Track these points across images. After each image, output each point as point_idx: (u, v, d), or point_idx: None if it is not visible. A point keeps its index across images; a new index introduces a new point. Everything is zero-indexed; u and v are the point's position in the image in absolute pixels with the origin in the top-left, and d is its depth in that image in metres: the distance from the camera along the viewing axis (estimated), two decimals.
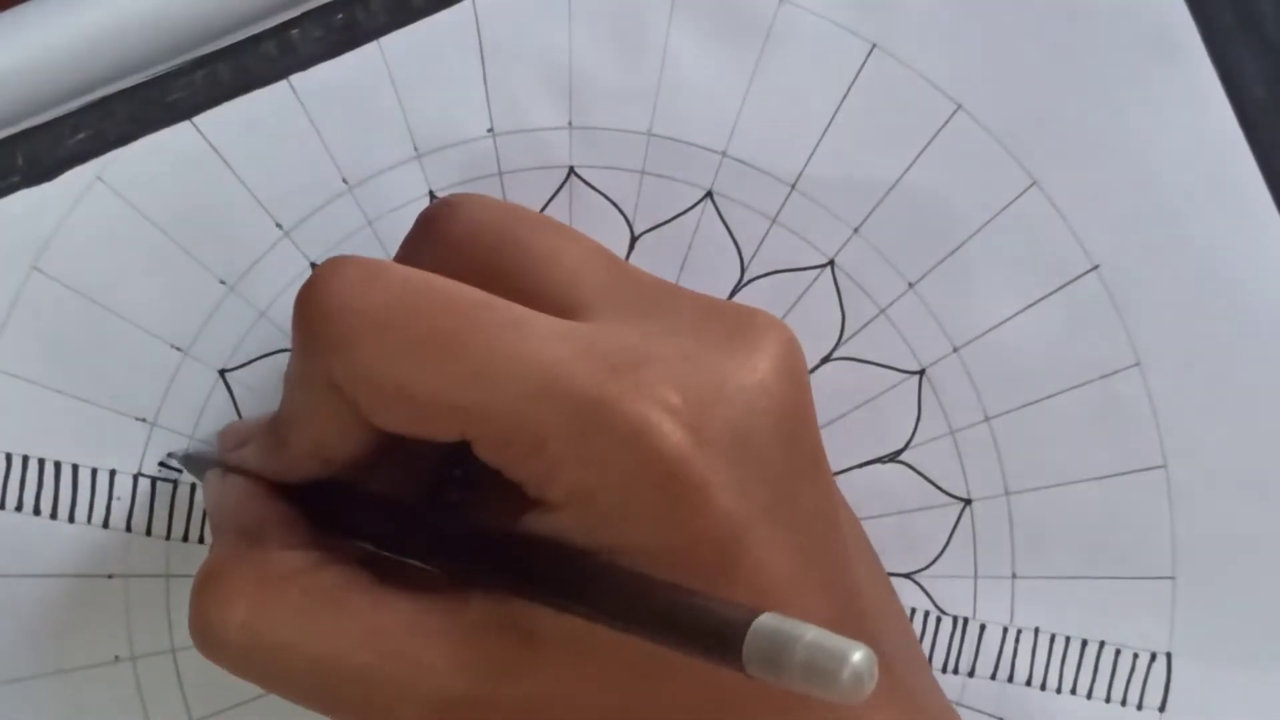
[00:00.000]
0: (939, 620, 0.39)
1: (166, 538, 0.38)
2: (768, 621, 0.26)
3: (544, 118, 0.38)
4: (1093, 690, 0.39)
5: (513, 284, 0.32)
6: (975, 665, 0.39)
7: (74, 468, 0.37)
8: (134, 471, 0.38)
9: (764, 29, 0.39)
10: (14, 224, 0.37)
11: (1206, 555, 0.39)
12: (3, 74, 0.37)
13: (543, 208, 0.38)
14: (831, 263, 0.39)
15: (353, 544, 0.34)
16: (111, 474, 0.38)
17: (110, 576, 0.38)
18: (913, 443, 0.39)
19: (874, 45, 0.39)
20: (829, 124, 0.39)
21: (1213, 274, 0.39)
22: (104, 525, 0.38)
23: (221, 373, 0.38)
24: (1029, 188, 0.39)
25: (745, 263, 0.39)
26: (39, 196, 0.37)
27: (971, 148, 0.39)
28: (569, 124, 0.38)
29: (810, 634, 0.25)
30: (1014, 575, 0.39)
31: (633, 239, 0.39)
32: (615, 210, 0.39)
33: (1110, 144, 0.39)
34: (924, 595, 0.39)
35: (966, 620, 0.39)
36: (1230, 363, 0.39)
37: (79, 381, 0.37)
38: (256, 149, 0.38)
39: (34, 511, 0.37)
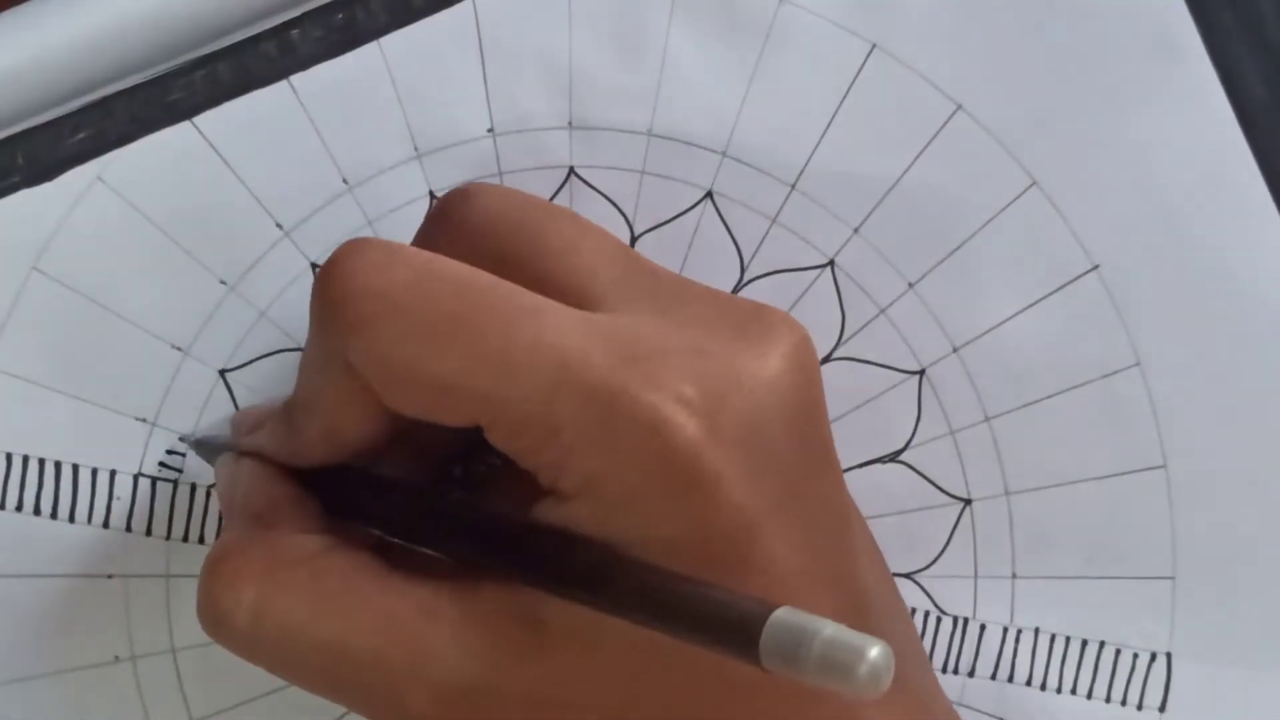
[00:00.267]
0: (939, 620, 0.39)
1: (166, 538, 0.38)
2: (785, 616, 0.26)
3: (544, 118, 0.38)
4: (1093, 690, 0.39)
5: (528, 273, 0.32)
6: (975, 665, 0.39)
7: (74, 468, 0.37)
8: (134, 471, 0.38)
9: (764, 29, 0.39)
10: (14, 224, 0.37)
11: (1206, 555, 0.39)
12: (3, 74, 0.37)
13: None
14: (831, 263, 0.39)
15: (364, 530, 0.34)
16: (111, 474, 0.38)
17: (110, 577, 0.38)
18: (913, 443, 0.39)
19: (874, 45, 0.39)
20: (829, 124, 0.39)
21: (1213, 274, 0.39)
22: (104, 525, 0.37)
23: (221, 373, 0.38)
24: (1029, 188, 0.39)
25: (745, 263, 0.39)
26: (39, 196, 0.37)
27: (971, 148, 0.39)
28: (569, 124, 0.38)
29: (828, 629, 0.25)
30: (1014, 575, 0.39)
31: (633, 239, 0.39)
32: (615, 210, 0.39)
33: (1110, 144, 0.39)
34: (924, 595, 0.39)
35: (966, 620, 0.39)
36: (1230, 363, 0.39)
37: (79, 381, 0.37)
38: (256, 149, 0.38)
39: (34, 511, 0.37)
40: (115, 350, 0.37)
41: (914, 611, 0.39)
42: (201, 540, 0.38)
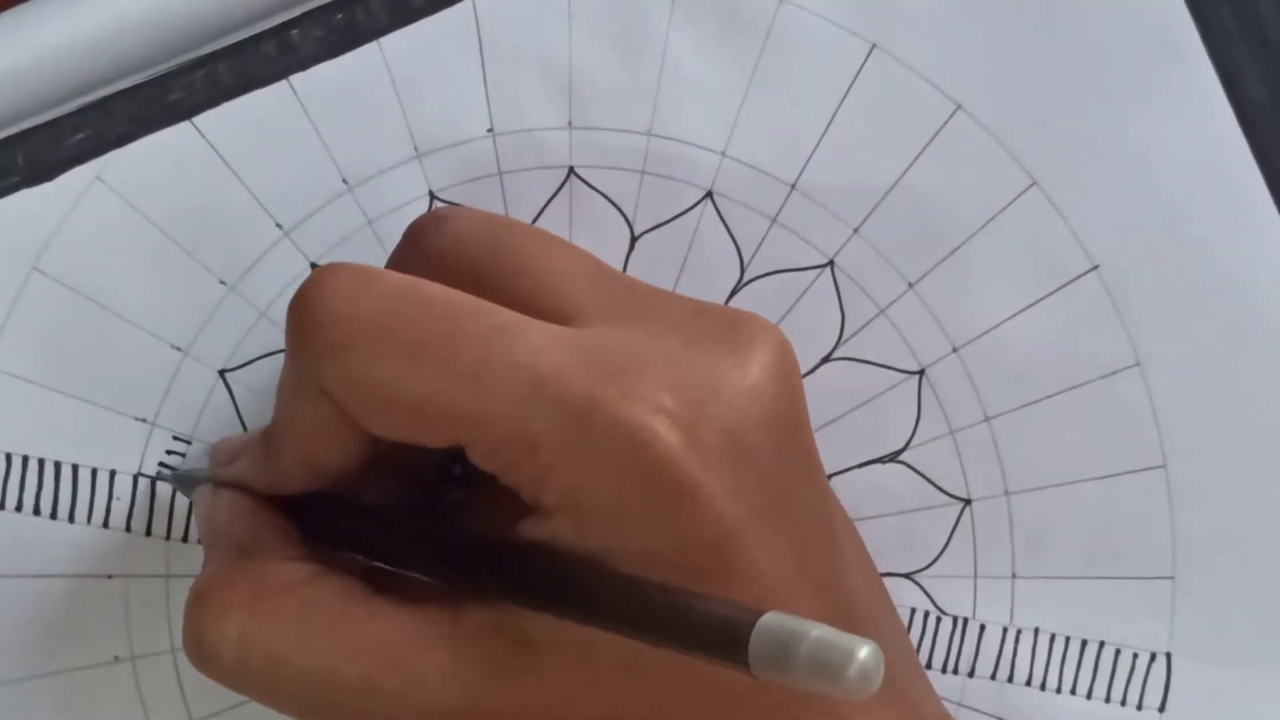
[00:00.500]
0: (939, 620, 0.39)
1: (166, 538, 0.38)
2: (772, 620, 0.26)
3: (544, 118, 0.38)
4: (1092, 690, 0.39)
5: (503, 294, 0.32)
6: (975, 665, 0.39)
7: (74, 468, 0.37)
8: (134, 471, 0.38)
9: (764, 29, 0.39)
10: (14, 224, 0.37)
11: (1206, 555, 0.39)
12: (3, 74, 0.37)
13: (543, 208, 0.38)
14: (831, 263, 0.39)
15: (347, 556, 0.34)
16: (111, 474, 0.38)
17: (110, 577, 0.38)
18: (912, 443, 0.39)
19: (874, 45, 0.39)
20: (829, 124, 0.39)
21: (1213, 274, 0.39)
22: (104, 525, 0.38)
23: (221, 373, 0.38)
24: (1029, 188, 0.39)
25: (745, 263, 0.39)
26: (39, 196, 0.37)
27: (971, 148, 0.39)
28: (569, 124, 0.38)
29: (816, 631, 0.25)
30: (1014, 575, 0.39)
31: (633, 239, 0.39)
32: (615, 210, 0.39)
33: (1110, 144, 0.39)
34: (924, 595, 0.39)
35: (966, 620, 0.39)
36: (1230, 363, 0.39)
37: (79, 381, 0.37)
38: (256, 149, 0.38)
39: (34, 511, 0.37)
40: (115, 350, 0.37)
41: (914, 612, 0.39)
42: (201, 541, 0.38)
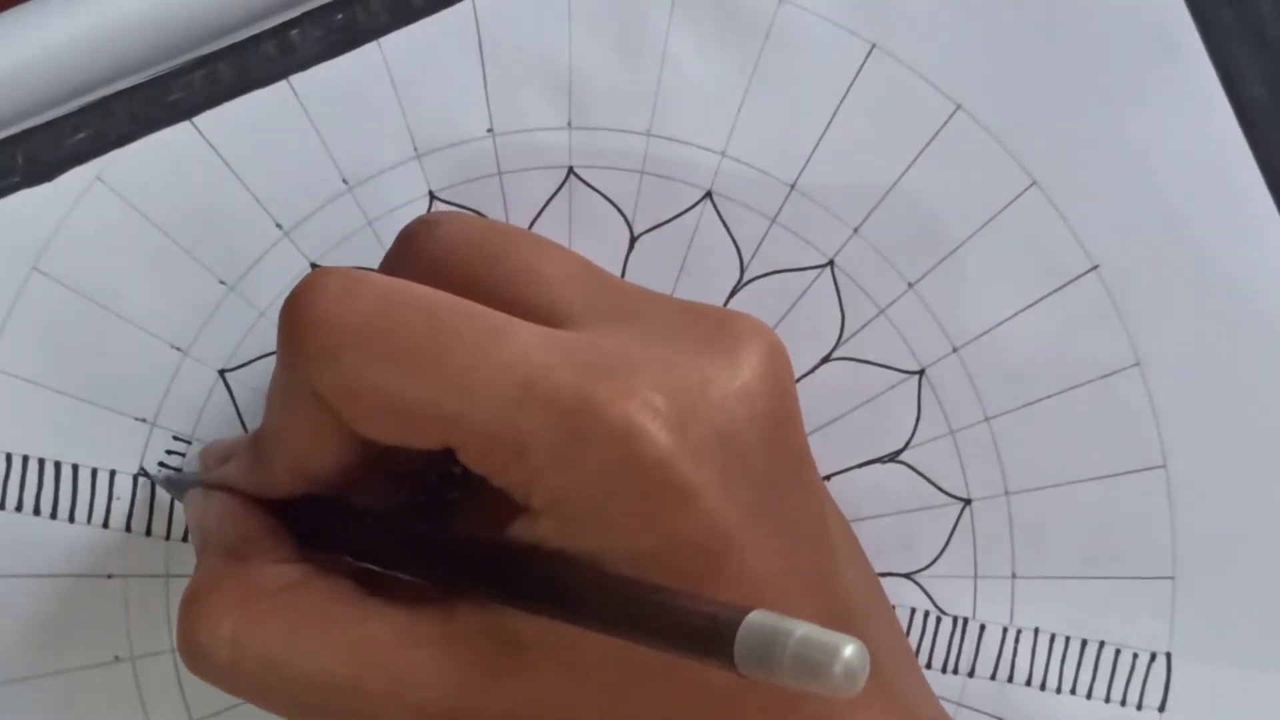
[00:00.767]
0: (939, 620, 0.39)
1: (166, 538, 0.38)
2: (758, 619, 0.26)
3: (544, 118, 0.38)
4: (1092, 690, 0.39)
5: (493, 298, 0.32)
6: (975, 665, 0.39)
7: (74, 468, 0.37)
8: (134, 471, 0.38)
9: (763, 29, 0.39)
10: (14, 224, 0.37)
11: (1206, 555, 0.39)
12: (3, 74, 0.37)
13: (542, 208, 0.38)
14: (831, 263, 0.39)
15: (339, 557, 0.34)
16: (111, 474, 0.38)
17: (110, 576, 0.38)
18: (912, 443, 0.39)
19: (874, 45, 0.39)
20: (829, 124, 0.39)
21: (1213, 274, 0.39)
22: (104, 525, 0.38)
23: (221, 373, 0.38)
24: (1029, 188, 0.39)
25: (745, 263, 0.39)
26: (39, 196, 0.37)
27: (971, 148, 0.39)
28: (569, 124, 0.39)
29: (801, 629, 0.25)
30: (1014, 575, 0.39)
31: (632, 239, 0.39)
32: (615, 210, 0.39)
33: (1110, 144, 0.39)
34: (924, 595, 0.39)
35: (966, 620, 0.39)
36: (1230, 363, 0.39)
37: (79, 381, 0.37)
38: (256, 149, 0.38)
39: (34, 511, 0.37)
40: (115, 350, 0.37)
41: (914, 611, 0.39)
42: None
